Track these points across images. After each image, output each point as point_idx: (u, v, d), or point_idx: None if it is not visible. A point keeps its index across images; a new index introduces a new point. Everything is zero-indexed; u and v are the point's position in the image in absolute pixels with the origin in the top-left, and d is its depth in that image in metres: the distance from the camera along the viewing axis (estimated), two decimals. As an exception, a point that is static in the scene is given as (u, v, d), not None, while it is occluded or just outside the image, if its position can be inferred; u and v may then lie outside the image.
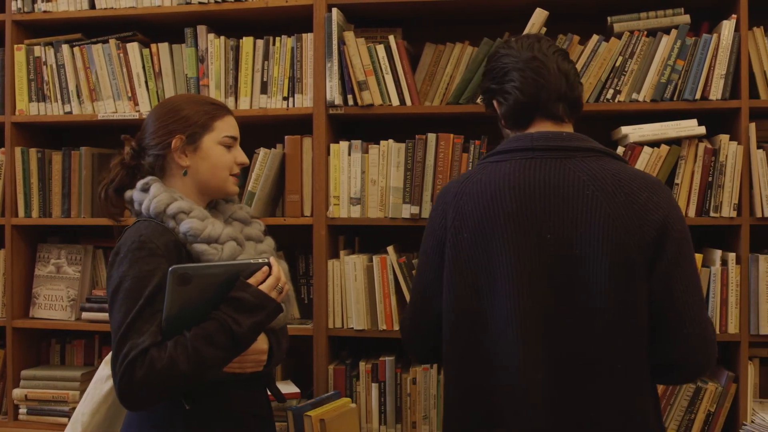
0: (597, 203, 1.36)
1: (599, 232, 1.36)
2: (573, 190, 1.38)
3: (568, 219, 1.37)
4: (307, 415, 2.06)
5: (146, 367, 1.32)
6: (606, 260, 1.35)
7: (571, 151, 1.43)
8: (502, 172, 1.44)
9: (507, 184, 1.41)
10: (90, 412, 1.63)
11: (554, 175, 1.40)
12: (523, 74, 1.48)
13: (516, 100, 1.50)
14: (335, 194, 2.26)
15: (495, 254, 1.40)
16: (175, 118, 1.57)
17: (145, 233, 1.44)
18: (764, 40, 2.13)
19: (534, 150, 1.44)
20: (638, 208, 1.37)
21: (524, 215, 1.39)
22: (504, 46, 1.57)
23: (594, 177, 1.39)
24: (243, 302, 1.39)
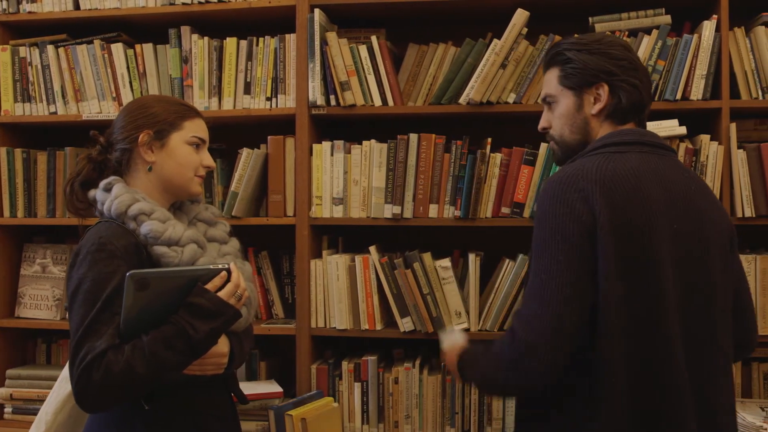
0: (701, 197, 1.47)
1: (711, 223, 1.46)
2: (685, 185, 1.46)
3: (693, 209, 1.44)
4: (288, 414, 2.07)
5: (103, 371, 1.32)
6: (717, 252, 1.45)
7: (665, 149, 1.51)
8: (633, 161, 1.42)
9: (645, 174, 1.41)
10: (54, 411, 1.63)
11: (668, 170, 1.46)
12: (647, 79, 1.54)
13: (640, 98, 1.51)
14: (318, 194, 2.27)
15: (650, 242, 1.37)
16: (144, 114, 1.57)
17: (105, 235, 1.43)
18: (745, 40, 2.14)
19: (645, 144, 1.47)
20: (717, 202, 1.54)
21: (667, 206, 1.41)
22: (622, 41, 1.56)
23: (687, 174, 1.50)
24: (200, 308, 1.38)
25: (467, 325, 2.20)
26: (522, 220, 2.16)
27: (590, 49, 1.51)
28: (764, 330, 2.09)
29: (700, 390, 1.40)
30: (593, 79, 1.49)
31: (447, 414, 2.22)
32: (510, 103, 2.18)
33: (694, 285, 1.41)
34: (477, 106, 2.18)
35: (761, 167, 2.09)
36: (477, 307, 2.20)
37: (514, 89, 2.18)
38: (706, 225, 1.44)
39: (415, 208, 2.21)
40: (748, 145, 2.11)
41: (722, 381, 1.45)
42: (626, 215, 1.36)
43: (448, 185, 2.20)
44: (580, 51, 1.51)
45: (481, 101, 2.16)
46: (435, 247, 2.31)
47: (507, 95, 2.18)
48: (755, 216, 2.09)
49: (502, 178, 2.19)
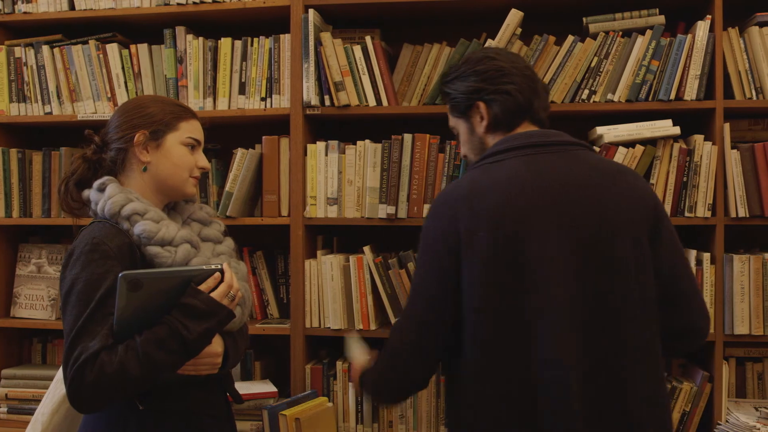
0: (605, 188, 1.44)
1: (614, 214, 1.42)
2: (583, 178, 1.44)
3: (588, 205, 1.42)
4: (282, 414, 2.07)
5: (96, 371, 1.32)
6: (626, 241, 1.42)
7: (565, 145, 1.49)
8: (509, 168, 1.44)
9: (520, 179, 1.42)
10: (50, 412, 1.64)
11: (563, 166, 1.44)
12: (522, 79, 1.52)
13: (515, 101, 1.51)
14: (312, 194, 2.27)
15: (525, 247, 1.38)
16: (140, 114, 1.57)
17: (99, 235, 1.43)
18: (739, 40, 2.14)
19: (534, 146, 1.47)
20: (635, 191, 1.47)
21: (546, 205, 1.40)
22: (490, 52, 1.58)
23: (594, 166, 1.47)
24: (193, 309, 1.37)
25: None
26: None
27: (459, 74, 1.58)
28: (758, 330, 2.10)
29: (599, 385, 1.37)
30: (469, 102, 1.55)
31: (441, 414, 2.22)
32: (504, 103, 2.18)
33: (591, 278, 1.38)
34: (471, 106, 2.18)
35: (755, 167, 2.10)
36: (471, 307, 2.20)
37: (508, 89, 2.18)
38: (609, 215, 1.40)
39: (410, 208, 2.22)
40: (742, 146, 2.12)
41: (634, 373, 1.39)
42: (494, 227, 1.39)
43: (443, 185, 2.20)
44: (452, 81, 1.59)
45: (475, 101, 2.16)
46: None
47: (501, 95, 2.18)
48: (749, 216, 2.09)
49: (496, 178, 2.19)
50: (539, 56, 2.18)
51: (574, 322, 1.37)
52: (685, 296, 1.50)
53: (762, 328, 2.09)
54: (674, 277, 1.48)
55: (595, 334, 1.38)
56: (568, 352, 1.36)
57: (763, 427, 1.99)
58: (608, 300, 1.39)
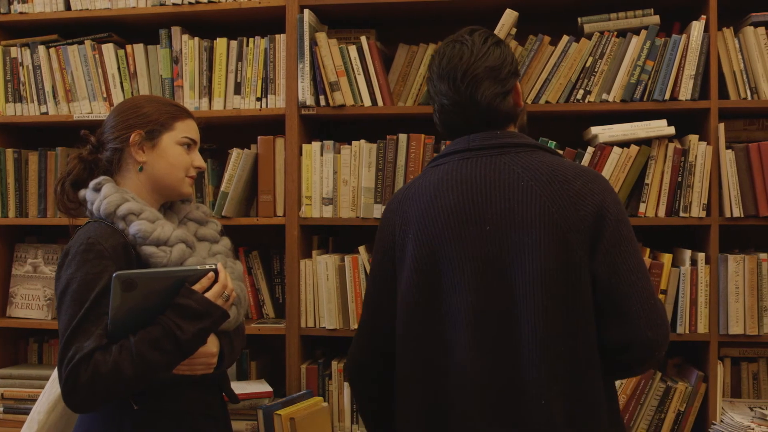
0: (532, 192, 1.39)
1: (535, 218, 1.38)
2: (508, 182, 1.41)
3: (505, 209, 1.39)
4: (277, 413, 2.08)
5: (90, 371, 1.32)
6: (544, 245, 1.37)
7: (505, 147, 1.46)
8: (441, 172, 1.47)
9: (445, 183, 1.44)
10: (46, 411, 1.64)
11: (490, 170, 1.43)
12: (442, 111, 1.51)
13: (440, 126, 1.54)
14: (307, 194, 2.27)
15: (439, 249, 1.41)
16: (135, 114, 1.57)
17: (94, 235, 1.43)
18: (734, 40, 2.14)
19: (471, 150, 1.47)
20: (573, 194, 1.40)
21: (462, 210, 1.41)
22: (436, 59, 1.52)
23: (528, 168, 1.42)
24: (187, 309, 1.38)
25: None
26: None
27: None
28: (752, 330, 2.10)
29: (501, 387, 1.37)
30: None
31: (436, 414, 2.22)
32: (499, 103, 2.18)
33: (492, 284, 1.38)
34: (466, 106, 2.18)
35: (749, 167, 2.10)
36: (466, 307, 2.20)
37: (503, 89, 2.18)
38: (523, 220, 1.38)
39: (405, 208, 2.22)
40: (737, 146, 2.12)
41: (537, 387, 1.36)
42: (419, 228, 1.43)
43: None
44: None
45: (470, 101, 2.16)
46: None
47: (496, 95, 2.18)
48: (743, 216, 2.09)
49: (491, 178, 2.19)
50: (534, 56, 2.18)
51: (471, 325, 1.38)
52: (620, 307, 1.38)
53: (756, 328, 2.09)
54: (611, 286, 1.38)
55: (500, 337, 1.37)
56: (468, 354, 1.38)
57: (758, 427, 1.99)
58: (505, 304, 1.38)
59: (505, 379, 1.37)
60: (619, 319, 1.39)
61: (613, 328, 1.40)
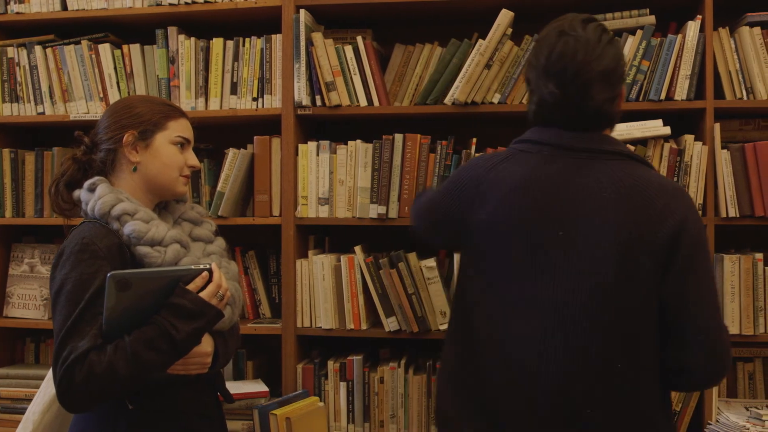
0: (612, 205, 1.37)
1: (610, 232, 1.36)
2: (591, 191, 1.39)
3: (583, 218, 1.38)
4: (272, 413, 2.08)
5: (85, 371, 1.32)
6: (613, 261, 1.36)
7: (597, 153, 1.43)
8: (528, 164, 1.43)
9: (530, 178, 1.41)
10: (41, 411, 1.64)
11: (576, 175, 1.40)
12: (541, 101, 1.45)
13: (534, 114, 1.48)
14: (303, 194, 2.27)
15: (508, 246, 1.40)
16: (128, 114, 1.57)
17: (88, 235, 1.44)
18: (729, 40, 2.14)
19: (562, 147, 1.43)
20: (654, 213, 1.37)
21: (541, 209, 1.39)
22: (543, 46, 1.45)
23: (613, 180, 1.39)
24: (182, 309, 1.38)
25: (452, 324, 2.21)
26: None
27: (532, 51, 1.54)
28: (748, 330, 2.10)
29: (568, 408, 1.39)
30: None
31: (432, 414, 2.23)
32: (495, 103, 2.19)
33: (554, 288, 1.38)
34: (462, 106, 2.19)
35: (745, 167, 2.10)
36: (462, 306, 2.20)
37: (498, 89, 2.19)
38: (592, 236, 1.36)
39: (401, 208, 2.22)
40: (732, 146, 2.12)
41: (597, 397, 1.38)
42: (494, 216, 1.43)
43: (433, 185, 2.20)
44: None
45: (465, 101, 2.17)
46: (420, 247, 2.32)
47: (492, 95, 2.19)
48: (739, 216, 2.09)
49: (487, 178, 2.19)
50: (530, 56, 2.18)
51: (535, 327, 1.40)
52: (682, 334, 1.39)
53: (752, 328, 2.09)
54: (677, 312, 1.38)
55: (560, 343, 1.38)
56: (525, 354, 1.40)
57: (753, 427, 1.99)
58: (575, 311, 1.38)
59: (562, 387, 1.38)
60: (681, 346, 1.39)
61: (675, 353, 1.41)
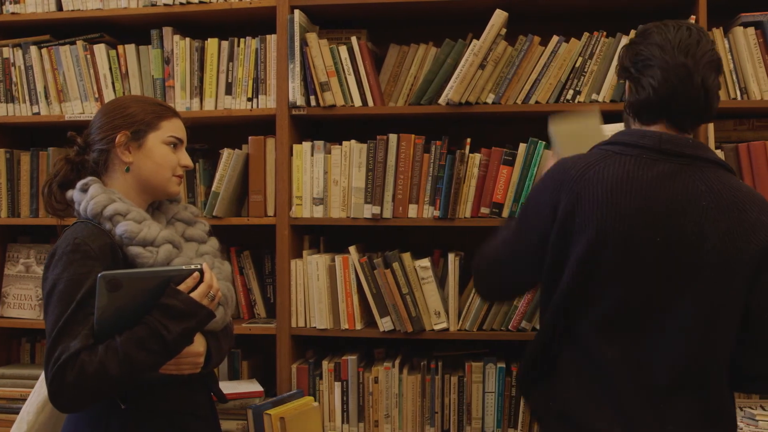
0: (710, 215, 1.39)
1: (706, 244, 1.39)
2: (690, 199, 1.40)
3: (680, 227, 1.39)
4: (267, 413, 2.08)
5: (77, 371, 1.33)
6: (708, 272, 1.39)
7: (694, 159, 1.43)
8: (625, 167, 1.41)
9: (627, 182, 1.40)
10: (35, 411, 1.64)
11: (676, 182, 1.40)
12: (666, 77, 1.43)
13: (647, 98, 1.46)
14: (298, 194, 2.27)
15: (607, 249, 1.40)
16: (121, 114, 1.57)
17: (80, 235, 1.44)
18: (723, 41, 2.14)
19: (660, 152, 1.42)
20: (748, 225, 1.40)
21: (638, 215, 1.39)
22: (659, 31, 1.47)
23: (711, 189, 1.41)
24: (173, 309, 1.38)
25: (446, 325, 2.21)
26: (501, 219, 2.17)
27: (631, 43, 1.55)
28: (742, 330, 2.10)
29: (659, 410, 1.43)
30: (620, 76, 1.56)
31: (426, 413, 2.23)
32: (489, 103, 2.19)
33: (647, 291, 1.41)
34: (456, 106, 2.19)
35: (739, 168, 2.10)
36: (456, 307, 2.20)
37: (493, 90, 2.19)
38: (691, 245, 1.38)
39: (395, 209, 2.22)
40: (726, 146, 2.12)
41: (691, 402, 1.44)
42: (586, 215, 1.40)
43: (428, 185, 2.20)
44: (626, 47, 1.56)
45: (460, 102, 2.17)
46: (414, 247, 2.32)
47: (486, 96, 2.19)
48: (733, 216, 2.09)
49: (481, 178, 2.19)
50: (524, 57, 2.18)
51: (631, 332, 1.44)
52: (759, 341, 1.45)
53: (746, 328, 2.09)
54: (762, 322, 1.44)
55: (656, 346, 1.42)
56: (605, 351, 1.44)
57: (747, 427, 2.00)
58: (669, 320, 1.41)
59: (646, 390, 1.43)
60: (760, 353, 1.46)
61: (753, 357, 1.47)
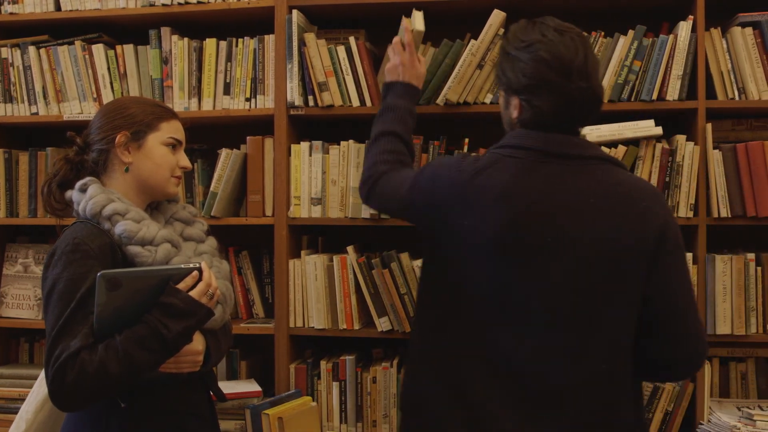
0: (600, 210, 1.42)
1: (599, 238, 1.41)
2: (579, 198, 1.43)
3: (571, 224, 1.41)
4: (264, 413, 2.08)
5: (77, 370, 1.33)
6: (603, 265, 1.41)
7: (580, 159, 1.46)
8: (513, 170, 1.45)
9: (516, 184, 1.43)
10: (34, 410, 1.65)
11: (563, 182, 1.44)
12: (559, 102, 1.45)
13: (535, 118, 1.48)
14: (296, 194, 2.28)
15: (501, 253, 1.43)
16: (121, 115, 1.58)
17: (80, 235, 1.45)
18: (721, 41, 2.14)
19: (547, 154, 1.45)
20: (639, 216, 1.43)
21: (528, 218, 1.42)
22: (545, 45, 1.46)
23: (599, 185, 1.44)
24: (172, 307, 1.39)
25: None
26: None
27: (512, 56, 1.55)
28: (740, 330, 2.10)
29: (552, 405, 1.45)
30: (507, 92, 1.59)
31: (424, 413, 2.23)
32: (487, 103, 2.19)
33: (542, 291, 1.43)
34: (454, 106, 2.19)
35: (737, 168, 2.10)
36: (454, 306, 2.20)
37: (490, 89, 2.19)
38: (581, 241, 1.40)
39: (393, 209, 2.22)
40: (724, 146, 2.12)
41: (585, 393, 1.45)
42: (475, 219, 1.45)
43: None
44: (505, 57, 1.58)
45: (458, 101, 2.17)
46: (412, 247, 2.32)
47: (484, 96, 2.19)
48: (731, 216, 2.09)
49: (479, 178, 2.19)
50: (522, 57, 2.18)
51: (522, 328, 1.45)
52: (673, 328, 1.48)
53: (744, 328, 2.10)
54: (666, 308, 1.46)
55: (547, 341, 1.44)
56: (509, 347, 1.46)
57: (744, 427, 2.00)
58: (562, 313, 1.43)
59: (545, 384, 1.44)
60: (667, 340, 1.48)
61: (659, 346, 1.49)
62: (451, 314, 1.51)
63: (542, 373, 1.43)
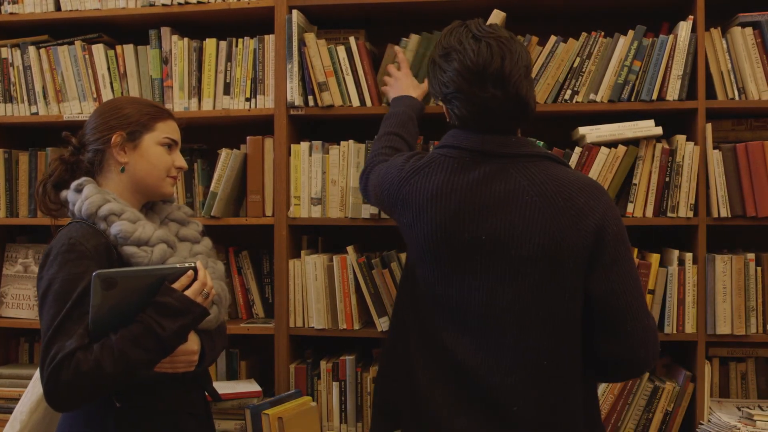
0: (535, 207, 1.42)
1: (535, 235, 1.41)
2: (513, 195, 1.43)
3: (506, 222, 1.42)
4: (264, 413, 2.08)
5: (72, 370, 1.33)
6: (541, 262, 1.41)
7: (516, 157, 1.47)
8: (447, 170, 1.47)
9: (450, 184, 1.46)
10: (29, 411, 1.65)
11: (498, 180, 1.44)
12: (473, 110, 1.48)
13: (462, 122, 1.52)
14: (296, 194, 2.28)
15: (430, 249, 1.45)
16: (116, 115, 1.58)
17: (75, 235, 1.45)
18: (721, 41, 2.14)
19: (483, 153, 1.47)
20: (576, 212, 1.42)
21: (462, 216, 1.43)
22: (458, 54, 1.48)
23: (534, 182, 1.44)
24: (167, 307, 1.39)
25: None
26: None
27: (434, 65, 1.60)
28: (740, 330, 2.10)
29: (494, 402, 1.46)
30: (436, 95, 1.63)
31: (424, 413, 2.23)
32: (487, 103, 2.19)
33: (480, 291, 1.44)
34: (454, 106, 2.19)
35: (737, 168, 2.10)
36: (454, 306, 2.20)
37: (491, 90, 2.19)
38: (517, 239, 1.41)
39: (393, 209, 2.22)
40: (724, 146, 2.12)
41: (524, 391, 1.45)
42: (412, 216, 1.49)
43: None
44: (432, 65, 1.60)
45: (458, 102, 2.17)
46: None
47: (484, 96, 2.18)
48: (731, 216, 2.09)
49: (479, 178, 2.19)
50: (522, 57, 2.18)
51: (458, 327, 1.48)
52: (615, 326, 1.44)
53: (744, 328, 2.10)
54: (607, 305, 1.43)
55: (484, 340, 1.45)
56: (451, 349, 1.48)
57: (744, 427, 2.00)
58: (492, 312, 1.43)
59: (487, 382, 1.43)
60: (614, 337, 1.45)
61: (606, 344, 1.46)
62: (411, 315, 1.53)
63: (483, 374, 1.43)
